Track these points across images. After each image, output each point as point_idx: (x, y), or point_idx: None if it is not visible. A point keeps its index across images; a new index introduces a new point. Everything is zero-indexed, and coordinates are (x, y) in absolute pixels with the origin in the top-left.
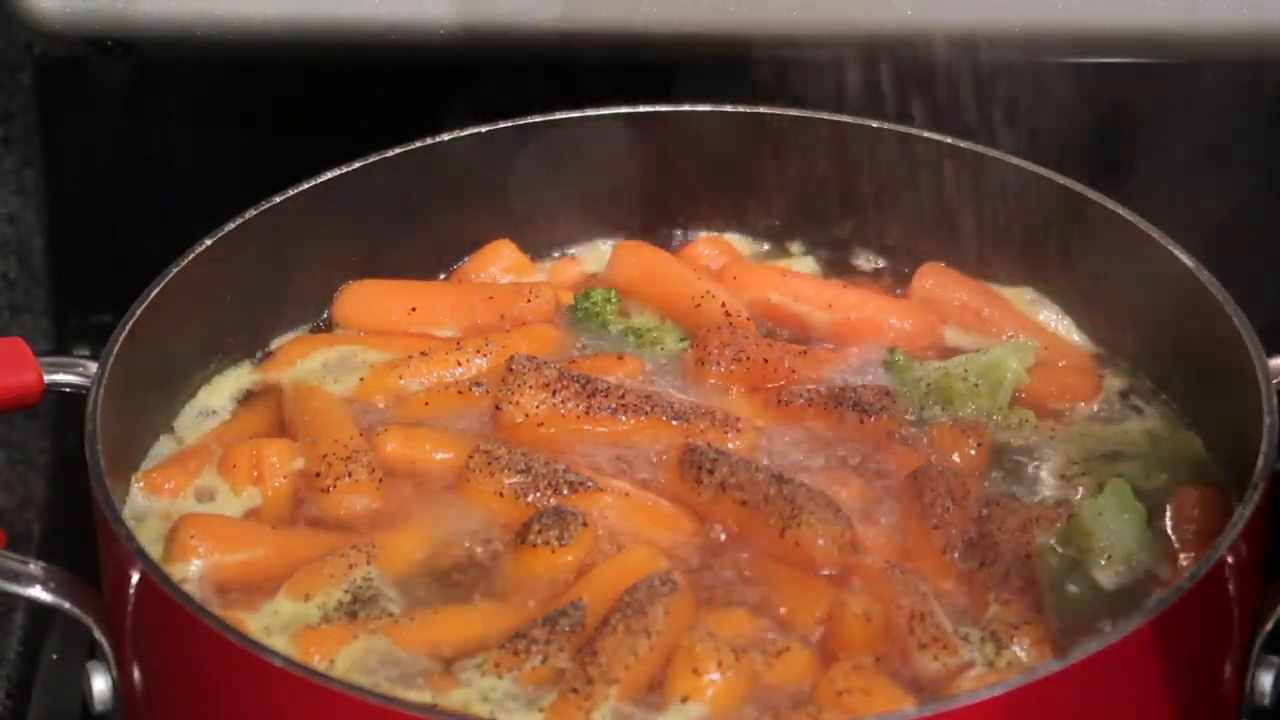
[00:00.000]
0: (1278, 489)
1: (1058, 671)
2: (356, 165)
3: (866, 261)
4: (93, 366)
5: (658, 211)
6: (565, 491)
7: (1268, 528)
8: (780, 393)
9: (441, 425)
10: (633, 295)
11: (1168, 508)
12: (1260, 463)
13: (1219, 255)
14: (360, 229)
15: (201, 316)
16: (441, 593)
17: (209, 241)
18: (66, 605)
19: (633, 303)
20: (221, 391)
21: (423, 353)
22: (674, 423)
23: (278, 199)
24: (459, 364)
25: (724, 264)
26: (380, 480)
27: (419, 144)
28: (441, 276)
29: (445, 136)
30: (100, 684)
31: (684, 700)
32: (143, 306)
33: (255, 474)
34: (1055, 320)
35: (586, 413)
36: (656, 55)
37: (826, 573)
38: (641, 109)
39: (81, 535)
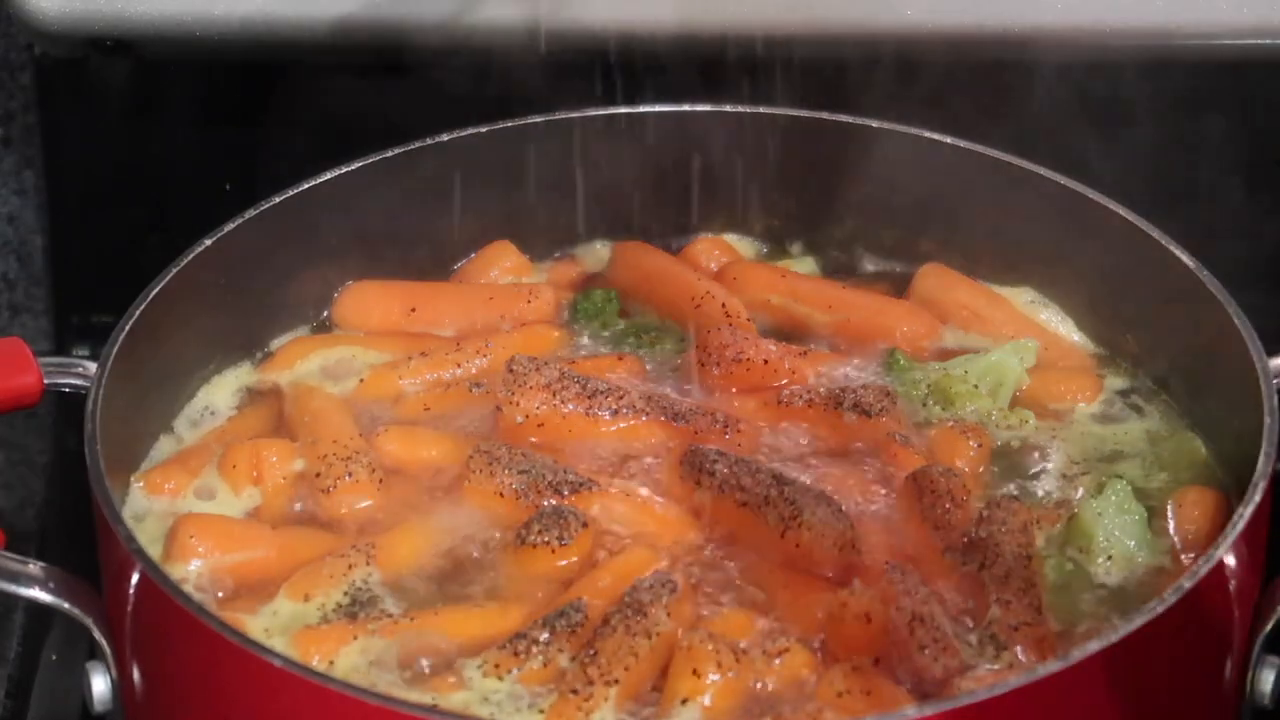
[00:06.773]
0: (1278, 489)
1: (1058, 672)
2: (356, 165)
3: (867, 262)
4: (93, 367)
5: (658, 211)
6: (565, 492)
7: (1268, 528)
8: (780, 393)
9: (442, 426)
10: (633, 295)
11: (1168, 508)
12: (1260, 463)
13: (1219, 256)
14: (360, 229)
15: (201, 316)
16: (441, 593)
17: (209, 241)
18: (66, 605)
19: (633, 303)
20: (221, 391)
21: (422, 353)
22: (674, 423)
23: (278, 199)
24: (459, 365)
25: (724, 264)
26: (380, 481)
27: (419, 144)
28: (441, 277)
29: (445, 136)
30: (100, 684)
31: (684, 701)
32: (143, 306)
33: (255, 474)
34: (1055, 320)
35: (587, 413)
36: (657, 55)
37: (827, 573)
38: (641, 109)
39: (81, 535)
